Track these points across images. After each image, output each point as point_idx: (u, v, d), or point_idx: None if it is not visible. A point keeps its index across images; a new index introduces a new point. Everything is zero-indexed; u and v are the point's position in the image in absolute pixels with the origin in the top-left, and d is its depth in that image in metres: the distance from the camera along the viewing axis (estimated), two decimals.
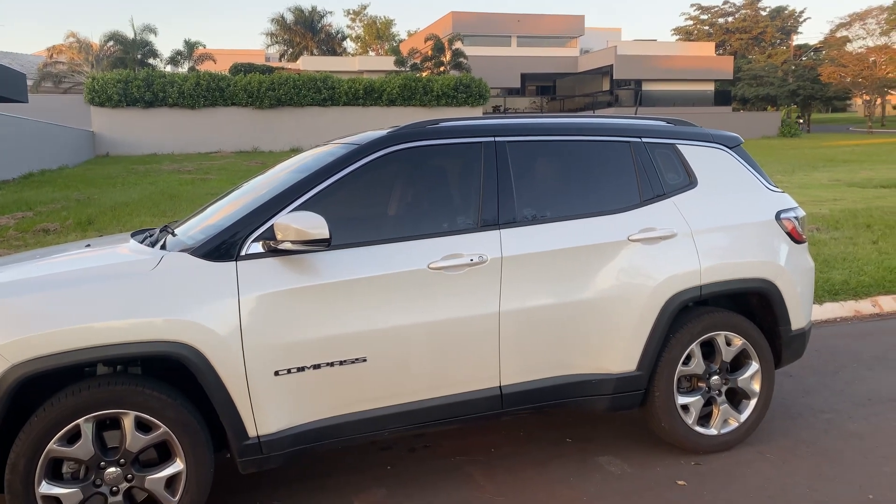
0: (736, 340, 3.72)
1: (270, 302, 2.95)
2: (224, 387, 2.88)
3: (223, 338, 2.86)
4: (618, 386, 3.51)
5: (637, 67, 43.69)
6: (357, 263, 3.11)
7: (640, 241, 3.53)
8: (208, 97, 30.06)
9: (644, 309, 3.49)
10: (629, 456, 3.73)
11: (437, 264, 3.19)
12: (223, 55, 41.61)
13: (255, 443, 2.97)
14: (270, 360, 2.94)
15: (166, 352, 2.79)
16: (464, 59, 38.50)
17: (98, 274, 2.93)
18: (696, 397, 3.67)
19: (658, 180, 3.70)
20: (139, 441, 2.81)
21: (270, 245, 2.98)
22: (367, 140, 3.37)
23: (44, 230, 10.73)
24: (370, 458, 3.77)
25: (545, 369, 3.42)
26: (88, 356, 2.72)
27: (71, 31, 44.72)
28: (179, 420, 2.85)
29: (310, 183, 3.18)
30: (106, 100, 28.83)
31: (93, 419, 2.75)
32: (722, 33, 65.42)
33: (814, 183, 17.18)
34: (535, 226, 3.41)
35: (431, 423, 3.29)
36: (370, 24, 69.05)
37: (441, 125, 3.49)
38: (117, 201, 13.90)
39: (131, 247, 3.32)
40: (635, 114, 8.79)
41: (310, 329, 3.00)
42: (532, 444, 3.91)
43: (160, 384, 2.88)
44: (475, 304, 3.25)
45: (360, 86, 32.00)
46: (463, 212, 3.40)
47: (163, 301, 2.82)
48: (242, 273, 2.94)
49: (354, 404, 3.14)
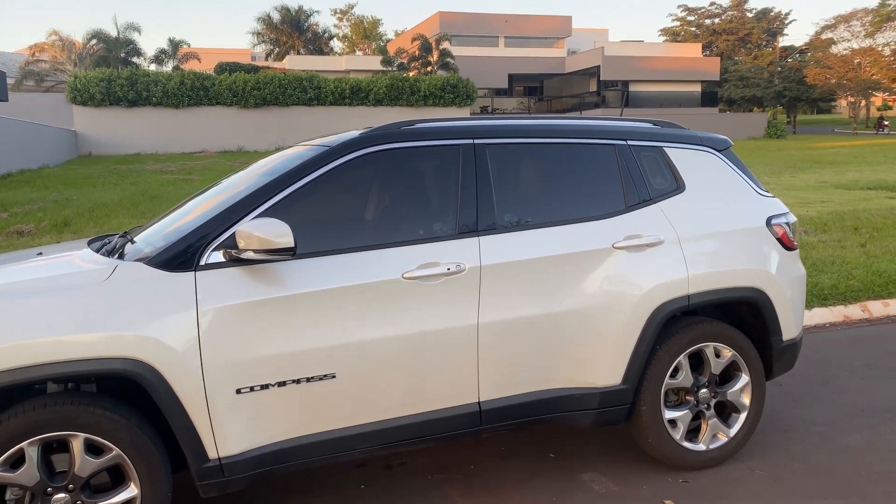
0: (725, 352, 3.57)
1: (232, 315, 2.76)
2: (182, 406, 2.69)
3: (180, 354, 2.67)
4: (602, 400, 3.35)
5: (624, 68, 43.71)
6: (326, 273, 2.93)
7: (626, 249, 3.37)
8: (193, 96, 29.77)
9: (629, 320, 3.33)
10: (614, 473, 3.57)
11: (412, 273, 3.02)
12: (208, 54, 41.22)
13: (216, 465, 2.78)
14: (231, 378, 2.76)
15: (118, 369, 2.59)
16: (451, 59, 38.34)
17: (45, 286, 2.73)
18: (684, 411, 3.52)
19: (644, 185, 3.54)
20: (89, 465, 2.62)
21: (232, 254, 2.79)
22: (337, 142, 3.18)
23: (17, 232, 10.46)
24: (344, 477, 3.59)
25: (526, 384, 3.25)
26: (33, 375, 2.52)
27: (53, 29, 44.22)
28: (134, 442, 2.66)
29: (276, 187, 3.00)
30: (88, 99, 28.48)
31: (38, 442, 2.55)
32: (709, 34, 65.63)
33: (801, 184, 17.14)
34: (515, 233, 3.24)
35: (406, 442, 3.11)
36: (357, 23, 68.77)
37: (416, 126, 3.31)
38: (96, 202, 13.63)
39: (84, 256, 3.11)
40: (621, 115, 8.65)
41: (274, 344, 2.82)
42: (513, 461, 3.74)
43: (114, 403, 2.69)
44: (452, 315, 3.08)
45: (346, 85, 31.80)
46: (439, 218, 3.23)
47: (114, 315, 2.62)
48: (202, 284, 2.75)
49: (323, 423, 2.95)
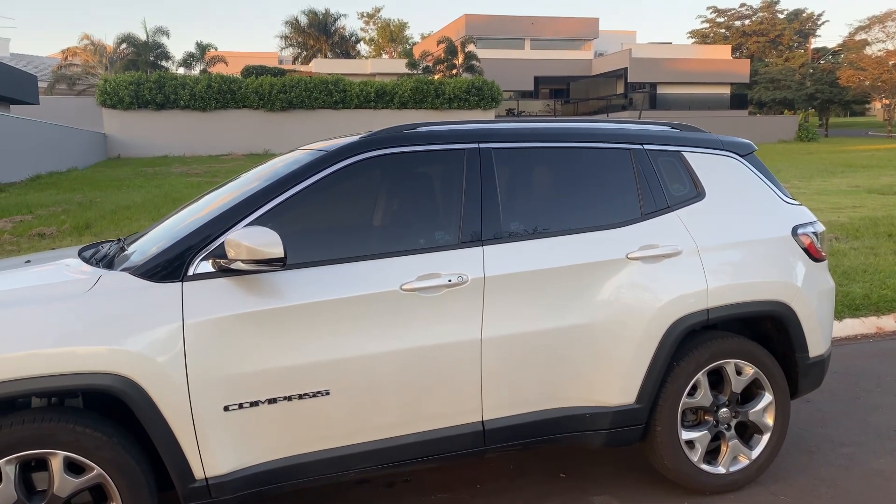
0: (747, 369, 3.36)
1: (220, 328, 2.62)
2: (166, 424, 2.56)
3: (165, 369, 2.54)
4: (615, 420, 3.16)
5: (652, 70, 43.16)
6: (320, 284, 2.79)
7: (641, 260, 3.18)
8: (219, 99, 29.95)
9: (644, 335, 3.13)
10: (627, 496, 3.37)
11: (412, 285, 2.86)
12: (236, 58, 41.55)
13: (202, 485, 2.64)
14: (219, 394, 2.62)
15: (98, 384, 2.47)
16: (476, 61, 38.15)
17: (26, 296, 2.62)
18: (703, 432, 3.31)
19: (661, 192, 3.35)
20: (69, 484, 2.50)
21: (221, 264, 2.66)
22: (335, 146, 3.04)
23: (39, 234, 10.52)
24: (344, 494, 3.44)
25: (533, 402, 3.07)
26: (11, 389, 2.40)
27: (85, 34, 44.92)
28: (116, 461, 2.53)
29: (269, 193, 2.86)
30: (118, 102, 28.79)
31: (15, 460, 2.44)
32: (738, 36, 64.63)
33: (832, 189, 16.68)
34: (522, 242, 3.07)
35: (404, 463, 2.95)
36: (384, 26, 68.91)
37: (419, 130, 3.16)
38: (119, 204, 13.69)
39: (71, 265, 3.00)
40: (639, 117, 8.35)
41: (265, 358, 2.68)
42: (522, 480, 3.56)
43: (96, 420, 2.57)
44: (454, 329, 2.91)
45: (371, 88, 31.79)
46: (442, 226, 3.07)
47: (96, 327, 2.50)
48: (189, 295, 2.62)
49: (316, 442, 2.81)
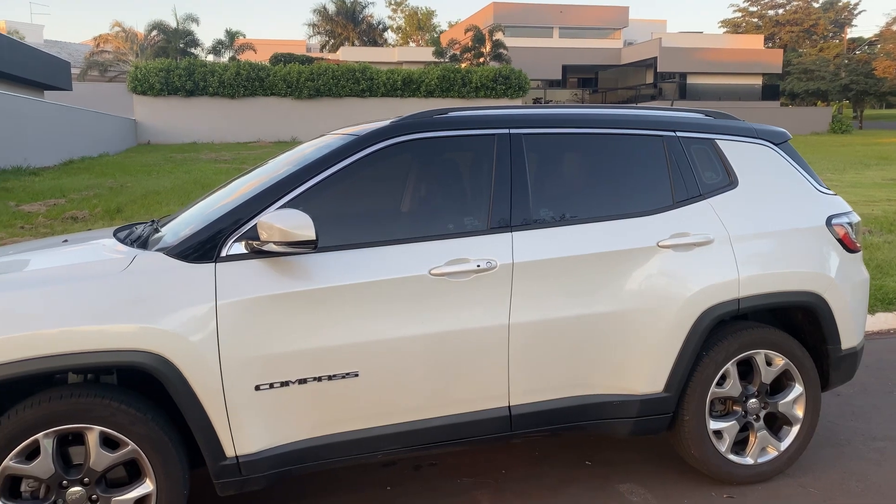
0: (777, 360, 3.32)
1: (252, 309, 2.66)
2: (199, 402, 2.61)
3: (198, 348, 2.58)
4: (642, 408, 3.15)
5: (682, 60, 42.58)
6: (351, 267, 2.81)
7: (672, 248, 3.15)
8: (248, 87, 30.14)
9: (674, 323, 3.11)
10: (653, 485, 3.36)
11: (440, 270, 2.87)
12: (264, 45, 41.78)
13: (233, 463, 2.69)
14: (251, 374, 2.66)
15: (133, 362, 2.52)
16: (504, 50, 37.93)
17: (64, 275, 2.67)
18: (731, 422, 3.29)
19: (693, 179, 3.31)
20: (105, 459, 2.56)
21: (254, 246, 2.69)
22: (366, 131, 3.05)
23: (72, 217, 10.71)
24: (370, 476, 3.48)
25: (560, 388, 3.07)
26: (49, 365, 2.46)
27: (116, 21, 45.40)
28: (150, 437, 2.58)
29: (301, 177, 2.88)
30: (148, 88, 29.10)
31: (53, 434, 2.50)
32: (771, 26, 63.41)
33: (866, 181, 16.38)
34: (551, 228, 3.06)
35: (430, 446, 2.97)
36: (411, 14, 68.75)
37: (450, 115, 3.16)
38: (149, 189, 13.88)
39: (107, 245, 3.05)
40: (671, 105, 8.22)
41: (296, 340, 2.71)
42: (547, 466, 3.57)
43: (131, 397, 2.62)
44: (482, 314, 2.92)
45: (398, 77, 31.79)
46: (471, 212, 3.07)
47: (132, 306, 2.55)
48: (221, 276, 2.66)
49: (345, 423, 2.84)
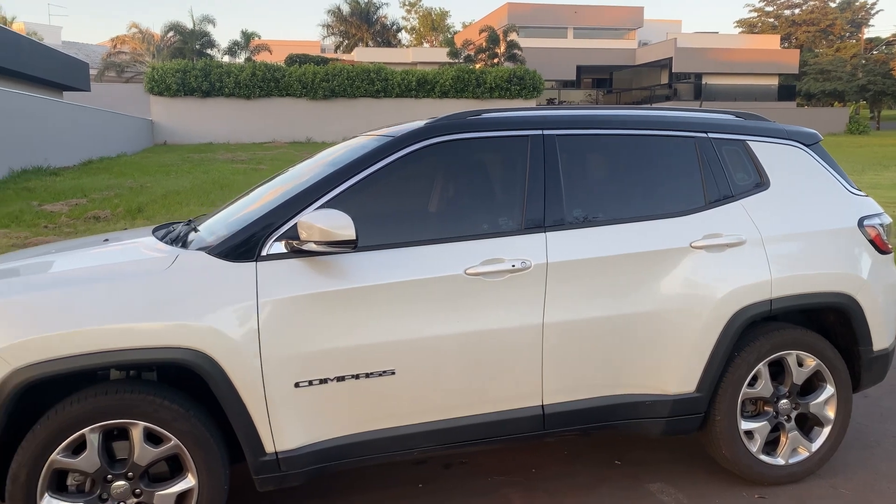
0: (809, 361, 3.33)
1: (292, 307, 2.70)
2: (240, 398, 2.65)
3: (239, 345, 2.63)
4: (674, 408, 3.16)
5: (697, 60, 42.41)
6: (387, 267, 2.84)
7: (704, 249, 3.17)
8: (263, 87, 30.31)
9: (706, 324, 3.13)
10: (684, 485, 3.38)
11: (475, 270, 2.90)
12: (279, 46, 41.99)
13: (272, 459, 2.73)
14: (290, 371, 2.70)
15: (177, 359, 2.57)
16: (518, 50, 37.94)
17: (108, 273, 2.73)
18: (762, 423, 3.30)
19: (725, 180, 3.33)
20: (148, 454, 2.61)
21: (293, 245, 2.73)
22: (401, 132, 3.09)
23: (94, 217, 10.84)
24: (401, 473, 3.51)
25: (593, 388, 3.09)
26: (95, 361, 2.52)
27: (133, 22, 45.85)
28: (192, 433, 2.63)
29: (339, 178, 2.92)
30: (165, 89, 29.33)
31: (99, 429, 2.55)
32: (787, 26, 63.00)
33: (885, 182, 16.26)
34: (585, 229, 3.08)
35: (465, 444, 3.00)
36: (425, 15, 68.86)
37: (483, 116, 3.19)
38: (169, 189, 14.01)
39: (148, 243, 3.11)
40: (699, 106, 8.25)
41: (334, 338, 2.75)
42: (577, 466, 3.59)
43: (174, 393, 2.67)
44: (516, 314, 2.95)
45: (413, 77, 31.87)
46: (505, 212, 3.10)
47: (175, 304, 2.60)
48: (262, 275, 2.71)
49: (381, 420, 2.87)
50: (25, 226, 10.20)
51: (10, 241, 9.05)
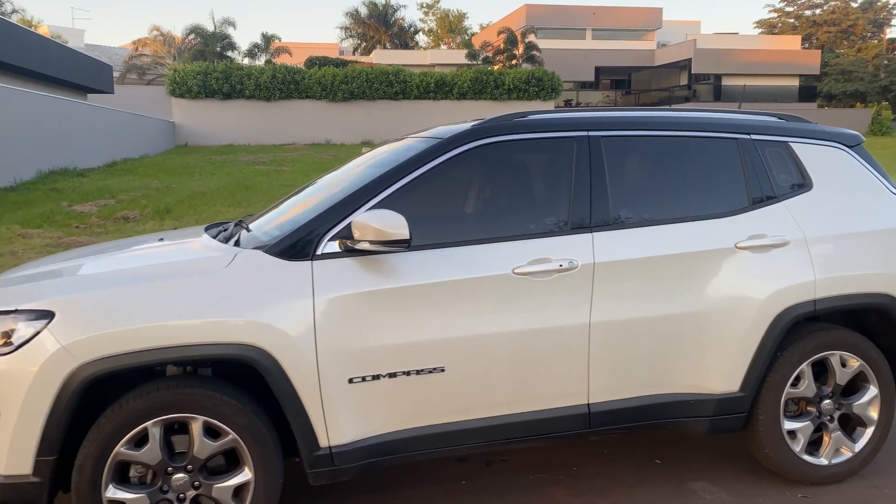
0: (852, 361, 3.34)
1: (346, 305, 2.76)
2: (296, 393, 2.71)
3: (297, 341, 2.69)
4: (718, 408, 3.19)
5: (717, 61, 42.16)
6: (437, 266, 2.90)
7: (749, 249, 3.20)
8: (283, 90, 30.48)
9: (751, 324, 3.15)
10: (726, 483, 3.40)
11: (523, 269, 2.95)
12: (299, 48, 42.25)
13: (326, 453, 2.79)
14: (345, 367, 2.76)
15: (238, 354, 2.64)
16: (537, 52, 37.89)
17: (170, 271, 2.81)
18: (805, 423, 3.32)
19: (769, 182, 3.35)
20: (207, 447, 2.68)
21: (347, 244, 2.79)
22: (450, 134, 3.14)
23: (124, 218, 11.00)
24: (444, 471, 3.56)
25: (639, 387, 3.13)
26: (158, 357, 2.60)
27: (155, 25, 46.34)
28: (249, 427, 2.70)
29: (389, 179, 2.98)
30: (186, 91, 29.57)
31: (161, 423, 2.63)
32: (808, 26, 62.45)
33: None
34: (631, 229, 3.12)
35: (512, 441, 3.05)
36: (443, 17, 68.95)
37: (530, 118, 3.24)
38: (194, 191, 14.16)
39: (205, 242, 3.19)
40: (738, 107, 8.22)
41: (386, 335, 2.81)
42: (618, 464, 3.62)
43: (231, 388, 2.74)
44: (563, 313, 2.99)
45: (431, 79, 31.93)
46: (552, 212, 3.14)
47: (236, 301, 2.67)
48: (318, 273, 2.77)
49: (431, 417, 2.93)
50: (57, 226, 10.37)
51: (44, 241, 9.22)
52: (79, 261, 3.20)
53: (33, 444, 2.54)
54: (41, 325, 2.55)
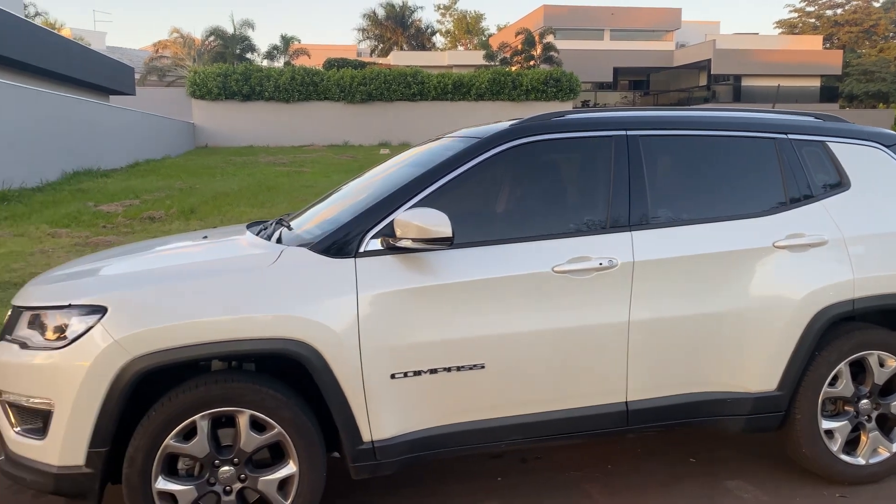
0: (890, 361, 3.34)
1: (389, 301, 2.80)
2: (340, 388, 2.76)
3: (341, 337, 2.74)
4: (756, 406, 3.20)
5: (736, 62, 41.89)
6: (477, 264, 2.93)
7: (787, 248, 3.20)
8: (302, 91, 30.64)
9: (789, 323, 3.16)
10: (762, 482, 3.41)
11: (563, 267, 2.97)
12: (317, 50, 42.47)
13: (369, 448, 2.83)
14: (387, 363, 2.80)
15: (283, 349, 2.69)
16: (555, 52, 37.86)
17: (219, 268, 2.87)
18: (843, 422, 3.31)
19: (806, 181, 3.36)
20: (254, 441, 2.73)
21: (389, 242, 2.83)
22: (489, 133, 3.18)
23: (150, 218, 11.13)
24: (480, 467, 3.59)
25: (676, 385, 3.14)
26: (207, 351, 2.66)
27: (175, 27, 46.78)
28: (294, 421, 2.75)
29: (430, 178, 3.02)
30: (206, 93, 29.81)
31: (209, 416, 2.68)
32: (829, 26, 61.85)
33: None
34: (669, 228, 3.14)
35: (551, 438, 3.08)
36: (460, 18, 69.00)
37: (568, 117, 3.27)
38: (217, 191, 14.30)
39: (249, 240, 3.25)
40: (772, 107, 8.17)
41: (427, 332, 2.85)
42: (652, 463, 3.64)
43: (276, 383, 2.79)
44: (602, 311, 3.01)
45: (448, 80, 31.98)
46: (590, 211, 3.17)
47: (283, 297, 2.72)
48: (361, 270, 2.81)
49: (470, 413, 2.96)
50: (84, 226, 10.53)
51: (73, 241, 9.36)
52: (126, 257, 3.26)
53: (86, 436, 2.60)
54: (94, 320, 2.61)
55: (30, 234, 9.71)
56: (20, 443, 2.73)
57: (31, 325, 2.76)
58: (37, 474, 2.67)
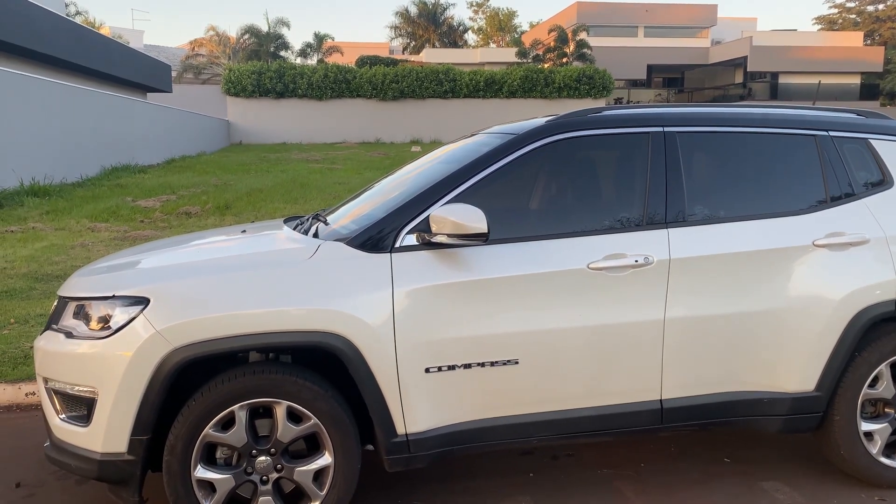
0: None
1: (424, 296, 2.83)
2: (375, 381, 2.79)
3: (377, 331, 2.77)
4: (793, 406, 3.16)
5: (774, 59, 41.14)
6: (512, 260, 2.94)
7: (827, 247, 3.15)
8: (335, 89, 30.86)
9: (828, 323, 3.11)
10: (798, 484, 3.36)
11: (598, 264, 2.97)
12: (350, 48, 42.76)
13: (403, 441, 2.86)
14: (422, 357, 2.83)
15: (321, 342, 2.73)
16: (588, 49, 37.56)
17: (256, 261, 2.92)
18: (883, 424, 3.26)
19: (847, 179, 3.30)
20: (290, 431, 2.77)
21: (424, 237, 2.86)
22: (525, 129, 3.18)
23: (186, 213, 11.31)
24: (510, 463, 3.60)
25: (712, 384, 3.12)
26: (246, 343, 2.70)
27: (211, 25, 47.47)
28: (330, 413, 2.79)
29: (465, 174, 3.03)
30: (241, 90, 30.19)
31: (247, 406, 2.73)
32: (870, 22, 60.39)
33: None
34: (706, 226, 3.11)
35: (583, 434, 3.08)
36: (492, 15, 68.88)
37: (605, 113, 3.25)
38: (252, 187, 14.47)
39: (287, 234, 3.30)
40: (813, 104, 7.98)
41: (462, 326, 2.86)
42: (685, 462, 3.61)
43: (313, 375, 2.83)
44: (638, 309, 3.00)
45: (480, 78, 31.95)
46: (627, 208, 3.15)
47: (320, 290, 2.76)
48: (397, 265, 2.84)
49: (504, 408, 2.97)
50: (123, 220, 10.74)
51: (112, 235, 9.56)
52: (167, 251, 3.34)
53: (128, 424, 2.67)
54: (137, 311, 2.68)
55: (70, 227, 9.94)
56: (65, 429, 2.81)
57: (76, 315, 2.84)
58: (81, 460, 2.75)
